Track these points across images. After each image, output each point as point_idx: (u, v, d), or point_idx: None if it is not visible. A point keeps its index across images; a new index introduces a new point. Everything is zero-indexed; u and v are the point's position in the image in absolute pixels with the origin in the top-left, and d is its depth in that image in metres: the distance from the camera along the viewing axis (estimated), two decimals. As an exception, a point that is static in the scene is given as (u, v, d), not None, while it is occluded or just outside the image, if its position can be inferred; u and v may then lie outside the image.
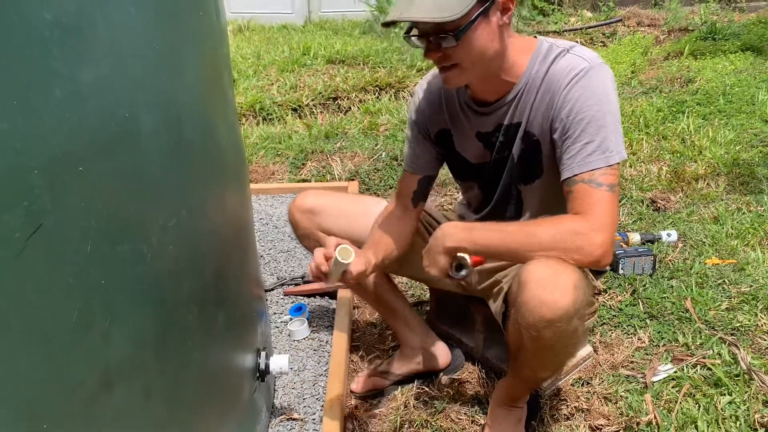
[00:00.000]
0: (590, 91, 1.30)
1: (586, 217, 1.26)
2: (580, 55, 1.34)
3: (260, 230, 2.82)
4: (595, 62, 1.32)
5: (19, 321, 0.67)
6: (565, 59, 1.35)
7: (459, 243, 1.33)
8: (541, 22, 6.91)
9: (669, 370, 1.79)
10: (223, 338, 1.27)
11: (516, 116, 1.42)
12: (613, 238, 1.26)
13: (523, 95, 1.39)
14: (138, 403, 0.90)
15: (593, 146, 1.28)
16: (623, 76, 4.87)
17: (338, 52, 5.27)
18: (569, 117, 1.31)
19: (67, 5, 0.72)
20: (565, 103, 1.31)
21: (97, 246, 0.78)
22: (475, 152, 1.55)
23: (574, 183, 1.29)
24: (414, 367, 1.82)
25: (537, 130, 1.40)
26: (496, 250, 1.31)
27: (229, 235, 1.31)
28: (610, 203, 1.26)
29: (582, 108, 1.29)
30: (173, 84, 0.99)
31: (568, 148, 1.31)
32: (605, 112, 1.29)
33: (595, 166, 1.27)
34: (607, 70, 1.33)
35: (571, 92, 1.31)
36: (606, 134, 1.28)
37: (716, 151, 3.28)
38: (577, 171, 1.29)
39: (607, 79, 1.32)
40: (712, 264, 2.30)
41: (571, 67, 1.32)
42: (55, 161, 0.71)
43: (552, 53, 1.37)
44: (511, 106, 1.42)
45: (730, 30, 5.71)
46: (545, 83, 1.36)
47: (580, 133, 1.29)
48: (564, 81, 1.32)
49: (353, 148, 3.63)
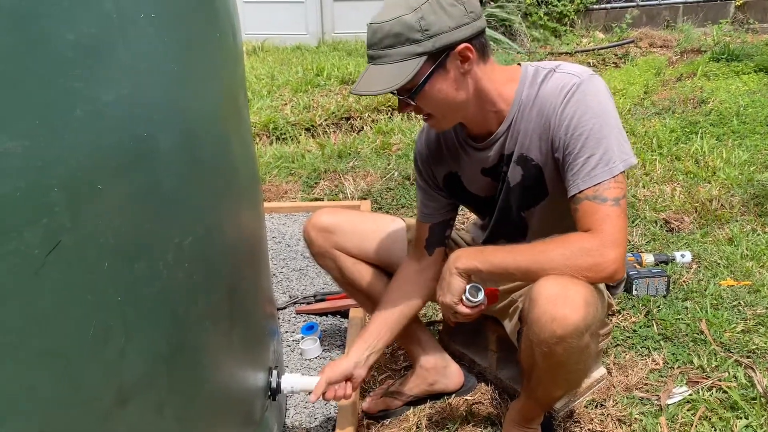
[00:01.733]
0: (585, 105, 1.30)
1: (596, 234, 1.26)
2: (569, 72, 1.35)
3: (273, 249, 2.83)
4: (585, 76, 1.33)
5: (37, 337, 0.68)
6: (554, 79, 1.35)
7: (471, 262, 1.33)
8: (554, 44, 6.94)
9: (684, 393, 1.77)
10: (236, 356, 1.27)
11: (512, 144, 1.43)
12: (624, 251, 1.26)
13: (516, 123, 1.40)
14: (151, 420, 0.91)
15: (596, 159, 1.28)
16: (636, 97, 4.87)
17: (351, 73, 5.32)
18: (567, 134, 1.31)
19: (88, 27, 0.74)
20: (562, 121, 1.32)
21: (114, 263, 0.79)
22: (485, 187, 1.55)
23: (579, 201, 1.29)
24: (426, 387, 1.81)
25: (535, 154, 1.40)
26: (508, 269, 1.31)
27: (243, 253, 1.32)
28: (618, 217, 1.26)
29: (579, 123, 1.29)
30: (190, 104, 1.00)
31: (570, 165, 1.31)
32: (603, 123, 1.29)
33: (600, 179, 1.27)
34: (599, 80, 1.34)
35: (567, 110, 1.31)
36: (607, 145, 1.28)
37: (730, 172, 3.26)
38: (582, 186, 1.29)
39: (600, 90, 1.32)
40: (727, 285, 2.28)
41: (562, 85, 1.33)
42: (74, 179, 0.72)
43: (539, 76, 1.38)
44: (507, 135, 1.42)
45: (743, 51, 5.70)
46: (537, 106, 1.36)
47: (581, 148, 1.29)
48: (557, 100, 1.32)
49: (366, 168, 3.64)
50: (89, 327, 0.75)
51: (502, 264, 1.31)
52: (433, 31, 1.23)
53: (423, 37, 1.23)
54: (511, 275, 1.33)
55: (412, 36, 1.23)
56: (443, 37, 1.24)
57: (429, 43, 1.24)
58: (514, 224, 1.55)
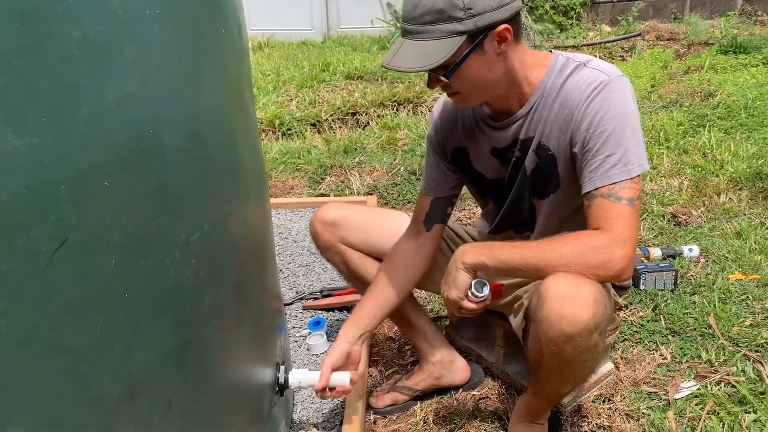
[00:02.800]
0: (610, 104, 1.29)
1: (606, 232, 1.25)
2: (599, 69, 1.34)
3: (279, 244, 2.83)
4: (614, 75, 1.32)
5: (45, 334, 0.69)
6: (582, 73, 1.35)
7: (478, 257, 1.33)
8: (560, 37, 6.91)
9: (692, 387, 1.77)
10: (243, 352, 1.27)
11: (531, 130, 1.42)
12: (634, 252, 1.26)
13: (537, 109, 1.39)
14: (159, 416, 0.91)
15: (615, 159, 1.28)
16: (643, 90, 4.84)
17: (357, 68, 5.31)
18: (590, 130, 1.30)
19: (94, 24, 0.74)
20: (585, 117, 1.31)
21: (121, 260, 0.80)
22: (491, 168, 1.55)
23: (593, 198, 1.29)
24: (433, 382, 1.81)
25: (553, 144, 1.40)
26: (516, 265, 1.30)
27: (250, 249, 1.32)
28: (630, 217, 1.26)
29: (603, 121, 1.29)
30: (197, 100, 1.00)
31: (588, 162, 1.31)
32: (626, 124, 1.28)
33: (616, 179, 1.27)
34: (626, 81, 1.33)
35: (591, 106, 1.31)
36: (627, 147, 1.28)
37: (738, 165, 3.25)
38: (598, 184, 1.28)
39: (627, 91, 1.32)
40: (735, 279, 2.27)
41: (590, 81, 1.32)
42: (81, 176, 0.72)
43: (568, 67, 1.37)
44: (526, 120, 1.42)
45: (751, 43, 5.66)
46: (561, 97, 1.36)
47: (601, 146, 1.29)
48: (583, 95, 1.32)
49: (372, 163, 3.64)
50: (97, 324, 0.75)
51: (509, 259, 1.31)
52: (476, 10, 1.22)
53: (465, 16, 1.22)
54: (519, 271, 1.33)
55: (455, 14, 1.22)
56: (486, 17, 1.24)
57: (471, 22, 1.23)
58: (524, 214, 1.55)
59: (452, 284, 1.36)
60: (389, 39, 6.80)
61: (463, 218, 2.97)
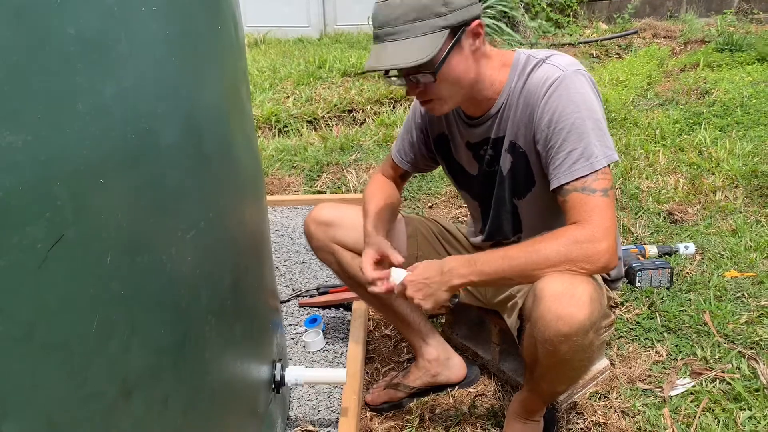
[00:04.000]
0: (567, 99, 1.30)
1: (586, 226, 1.26)
2: (555, 64, 1.35)
3: (276, 242, 2.83)
4: (569, 70, 1.33)
5: (41, 331, 0.68)
6: (541, 70, 1.36)
7: (466, 278, 1.32)
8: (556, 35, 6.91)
9: (687, 384, 1.77)
10: (239, 349, 1.27)
11: (501, 130, 1.44)
12: (615, 241, 1.27)
13: (505, 109, 1.42)
14: (156, 412, 0.91)
15: (577, 154, 1.29)
16: (639, 88, 4.85)
17: (353, 65, 5.30)
18: (549, 127, 1.32)
19: (90, 21, 0.74)
20: (544, 114, 1.33)
21: (117, 257, 0.80)
22: (466, 160, 1.58)
23: (568, 192, 1.30)
24: (429, 379, 1.81)
25: (522, 142, 1.41)
26: (504, 275, 1.30)
27: (246, 246, 1.32)
28: (606, 207, 1.27)
29: (561, 117, 1.30)
30: (193, 97, 1.00)
31: (552, 159, 1.32)
32: (585, 118, 1.29)
33: (580, 173, 1.28)
34: (582, 74, 1.34)
35: (549, 103, 1.32)
36: (588, 140, 1.29)
37: (734, 163, 3.26)
38: (563, 180, 1.30)
39: (584, 85, 1.32)
40: (731, 277, 2.28)
41: (546, 77, 1.33)
42: (77, 173, 0.72)
43: (529, 65, 1.39)
44: (495, 120, 1.44)
45: (747, 41, 5.67)
46: (524, 96, 1.38)
47: (562, 142, 1.30)
48: (541, 92, 1.33)
49: (368, 160, 3.64)
50: (93, 320, 0.75)
51: (497, 272, 1.30)
52: (454, 6, 1.25)
53: (447, 11, 1.25)
54: (508, 280, 1.33)
55: (437, 9, 1.24)
56: (463, 12, 1.26)
57: (452, 17, 1.25)
58: (508, 216, 1.56)
59: (431, 298, 1.35)
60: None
61: (459, 216, 2.97)
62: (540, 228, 1.47)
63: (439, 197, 3.18)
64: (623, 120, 4.06)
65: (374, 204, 1.63)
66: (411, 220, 1.79)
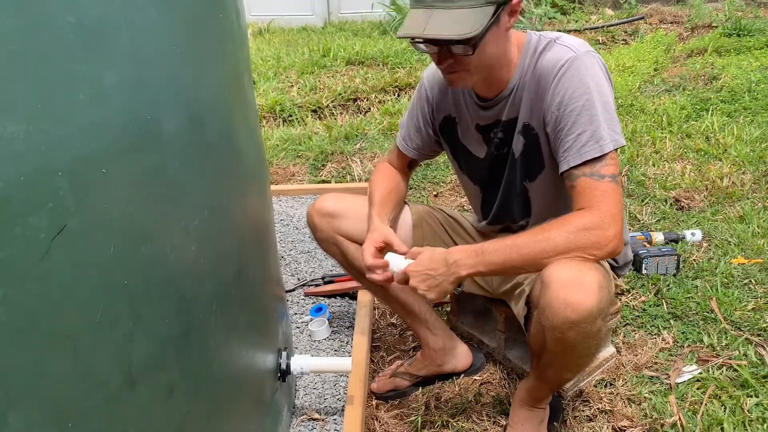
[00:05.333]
0: (578, 81, 1.30)
1: (594, 212, 1.25)
2: (566, 45, 1.35)
3: (281, 231, 2.83)
4: (581, 51, 1.32)
5: (45, 321, 0.69)
6: (552, 51, 1.35)
7: (473, 269, 1.31)
8: (562, 21, 6.86)
9: (694, 372, 1.77)
10: (244, 338, 1.28)
11: (513, 112, 1.44)
12: (622, 227, 1.27)
13: (517, 91, 1.41)
14: (161, 401, 0.91)
15: (586, 136, 1.28)
16: (646, 74, 4.81)
17: (358, 53, 5.28)
18: (560, 109, 1.31)
19: (90, 9, 0.73)
20: (554, 96, 1.32)
21: (121, 247, 0.79)
22: (475, 143, 1.57)
23: (576, 177, 1.29)
24: (435, 368, 1.81)
25: (535, 123, 1.41)
26: (513, 264, 1.29)
27: (251, 235, 1.32)
28: (614, 193, 1.27)
29: (571, 99, 1.29)
30: (195, 86, 0.99)
31: (561, 141, 1.32)
32: (594, 100, 1.29)
33: (590, 156, 1.28)
34: (594, 56, 1.33)
35: (560, 84, 1.31)
36: (598, 123, 1.28)
37: (741, 149, 3.23)
38: (573, 163, 1.29)
39: (595, 67, 1.32)
40: (738, 263, 2.27)
41: (557, 59, 1.33)
42: (78, 163, 0.71)
43: (540, 46, 1.38)
44: (507, 101, 1.43)
45: (755, 26, 5.60)
46: (535, 77, 1.37)
47: (572, 124, 1.30)
48: (552, 73, 1.33)
49: (373, 149, 3.63)
50: (97, 310, 0.75)
51: (505, 261, 1.29)
52: None
53: None
54: (516, 269, 1.32)
55: None
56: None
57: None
58: (518, 199, 1.55)
59: (436, 288, 1.34)
60: (390, 24, 6.74)
61: (464, 204, 2.97)
62: (549, 211, 1.46)
63: (444, 186, 3.17)
64: (630, 106, 4.03)
65: (379, 192, 1.63)
66: (416, 209, 1.78)
